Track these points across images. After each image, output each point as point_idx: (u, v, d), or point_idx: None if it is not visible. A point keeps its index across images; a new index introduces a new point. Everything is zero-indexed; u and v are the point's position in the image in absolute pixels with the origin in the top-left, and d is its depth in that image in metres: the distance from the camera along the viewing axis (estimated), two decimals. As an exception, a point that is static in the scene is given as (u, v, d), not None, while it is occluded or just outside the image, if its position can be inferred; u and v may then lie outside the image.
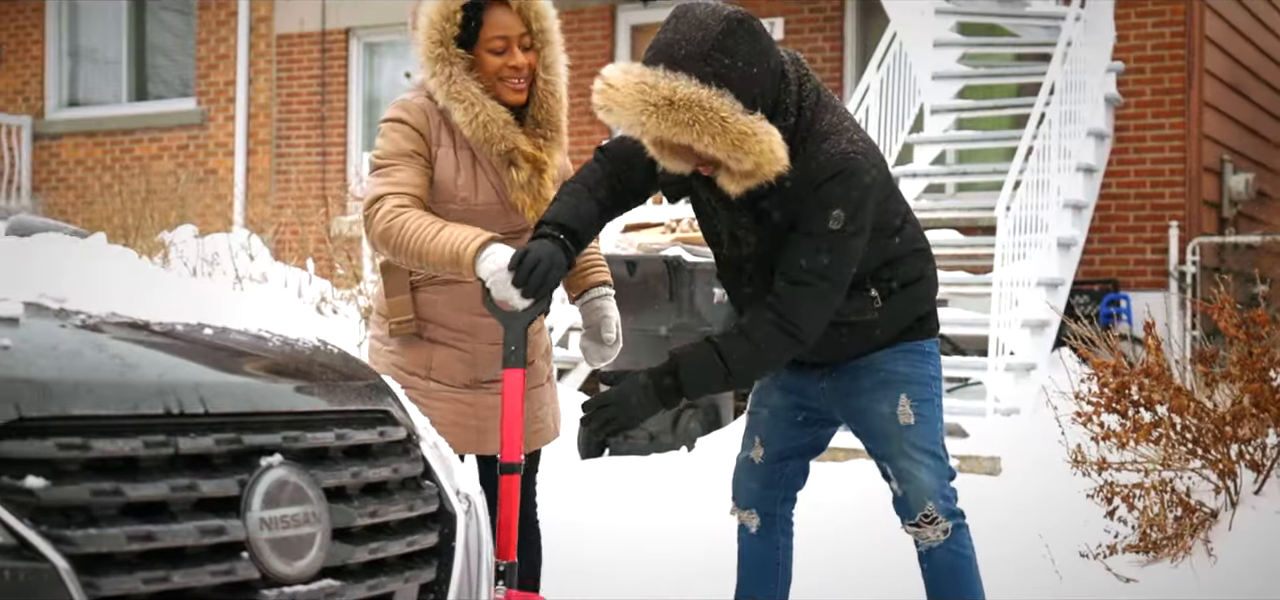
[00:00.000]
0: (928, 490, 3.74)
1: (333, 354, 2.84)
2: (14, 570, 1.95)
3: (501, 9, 3.77)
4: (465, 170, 3.82)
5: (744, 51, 3.44)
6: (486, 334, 3.85)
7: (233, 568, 2.20)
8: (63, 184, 15.64)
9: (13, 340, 2.17)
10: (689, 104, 3.37)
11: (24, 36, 15.98)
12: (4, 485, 2.00)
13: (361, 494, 2.51)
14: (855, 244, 3.59)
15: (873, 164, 3.60)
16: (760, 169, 3.46)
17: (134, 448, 2.16)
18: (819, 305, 3.61)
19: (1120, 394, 5.01)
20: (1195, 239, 11.14)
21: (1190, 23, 11.37)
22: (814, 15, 12.64)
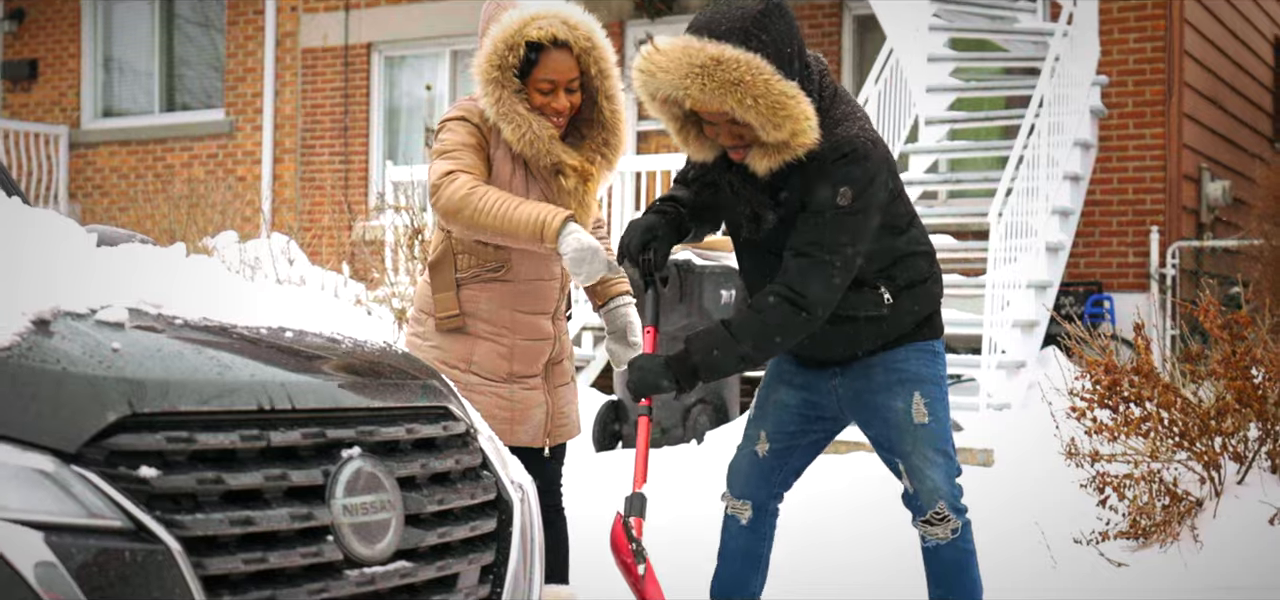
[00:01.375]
0: (939, 489, 3.75)
1: (398, 355, 2.94)
2: (133, 551, 2.05)
3: (560, 53, 3.87)
4: (518, 176, 3.95)
5: (780, 30, 3.52)
6: (525, 330, 3.98)
7: (320, 550, 2.30)
8: (98, 190, 15.57)
9: (122, 344, 2.27)
10: (734, 63, 3.44)
11: (61, 50, 15.92)
12: (121, 474, 2.10)
13: (429, 483, 2.60)
14: (861, 223, 3.60)
15: (881, 153, 3.65)
16: (795, 138, 3.50)
17: (232, 440, 2.26)
18: (826, 279, 3.61)
19: (1112, 390, 5.08)
20: (1175, 243, 11.21)
21: (1170, 38, 11.45)
22: (813, 30, 12.69)
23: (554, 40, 3.85)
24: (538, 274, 3.99)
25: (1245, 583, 4.64)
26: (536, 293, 3.98)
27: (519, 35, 3.85)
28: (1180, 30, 11.50)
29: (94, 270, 2.56)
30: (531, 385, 3.99)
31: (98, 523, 2.06)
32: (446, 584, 2.56)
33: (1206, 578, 4.72)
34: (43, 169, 15.43)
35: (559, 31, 3.85)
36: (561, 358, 4.10)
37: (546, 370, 4.03)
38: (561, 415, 4.08)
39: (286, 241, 10.24)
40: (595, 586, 5.32)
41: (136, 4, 15.76)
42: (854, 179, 3.57)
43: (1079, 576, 4.99)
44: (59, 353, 2.19)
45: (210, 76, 15.50)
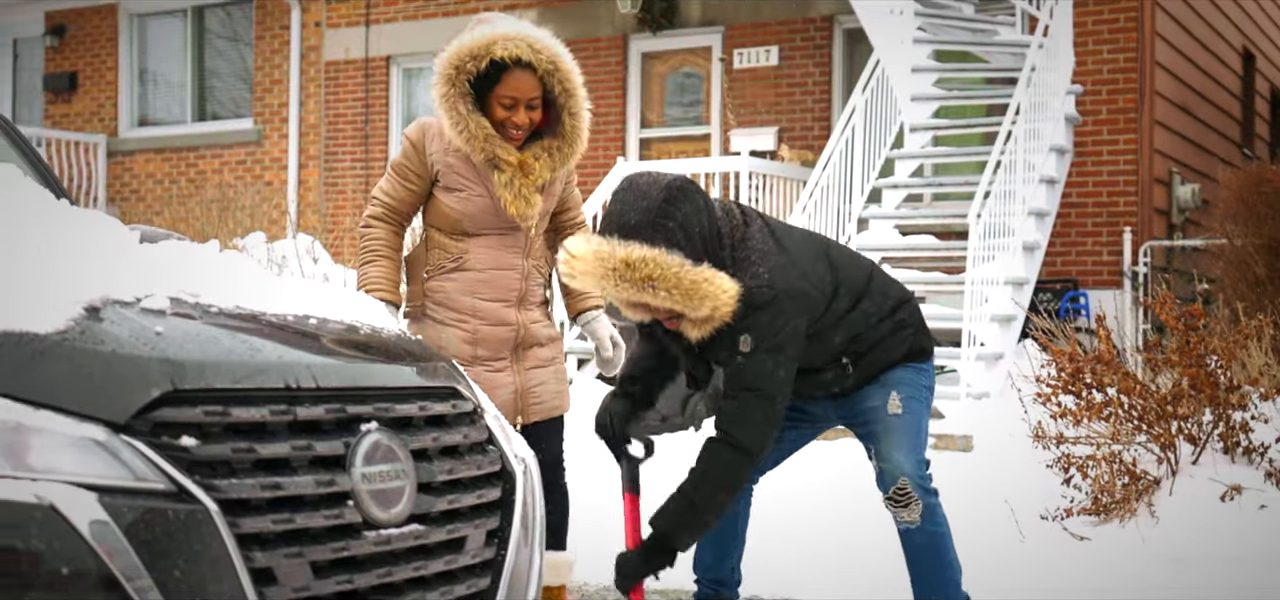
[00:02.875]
0: (903, 468, 3.83)
1: (412, 341, 3.06)
2: (176, 511, 2.17)
3: (523, 72, 3.99)
4: (465, 176, 4.09)
5: (685, 211, 3.57)
6: (486, 315, 4.14)
7: (341, 513, 2.40)
8: (135, 196, 15.62)
9: (164, 328, 2.38)
10: (644, 263, 3.50)
11: (99, 63, 16.00)
12: (164, 443, 2.20)
13: (440, 455, 2.69)
14: (768, 361, 3.64)
15: (777, 292, 3.65)
16: (717, 312, 3.57)
17: (262, 415, 2.35)
18: (755, 416, 3.66)
19: (1075, 377, 5.19)
20: (1146, 243, 11.29)
21: (1142, 50, 11.55)
22: (805, 43, 12.79)
23: (517, 60, 3.97)
24: (495, 264, 4.12)
25: (1198, 554, 4.75)
26: (495, 281, 4.11)
27: (485, 51, 3.97)
28: (1151, 42, 11.59)
29: (138, 264, 2.64)
30: (497, 368, 4.12)
31: (144, 485, 2.16)
32: (455, 546, 2.65)
33: (1162, 549, 4.82)
34: (83, 176, 15.50)
35: (523, 52, 3.97)
36: (532, 343, 4.20)
37: (516, 354, 4.15)
38: (532, 395, 4.18)
39: (311, 241, 10.36)
40: (594, 571, 5.42)
41: (170, 20, 15.84)
42: (755, 327, 3.63)
43: (1044, 549, 5.09)
44: (109, 336, 2.29)
45: (239, 88, 15.56)
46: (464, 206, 4.10)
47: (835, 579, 5.09)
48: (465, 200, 4.10)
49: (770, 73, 12.85)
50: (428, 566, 2.57)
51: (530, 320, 4.18)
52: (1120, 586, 4.62)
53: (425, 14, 14.20)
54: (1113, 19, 11.63)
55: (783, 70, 12.81)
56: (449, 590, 2.62)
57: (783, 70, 12.81)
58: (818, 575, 5.11)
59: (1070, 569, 4.87)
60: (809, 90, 12.75)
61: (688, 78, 13.53)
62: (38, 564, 2.06)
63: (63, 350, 2.23)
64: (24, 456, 2.10)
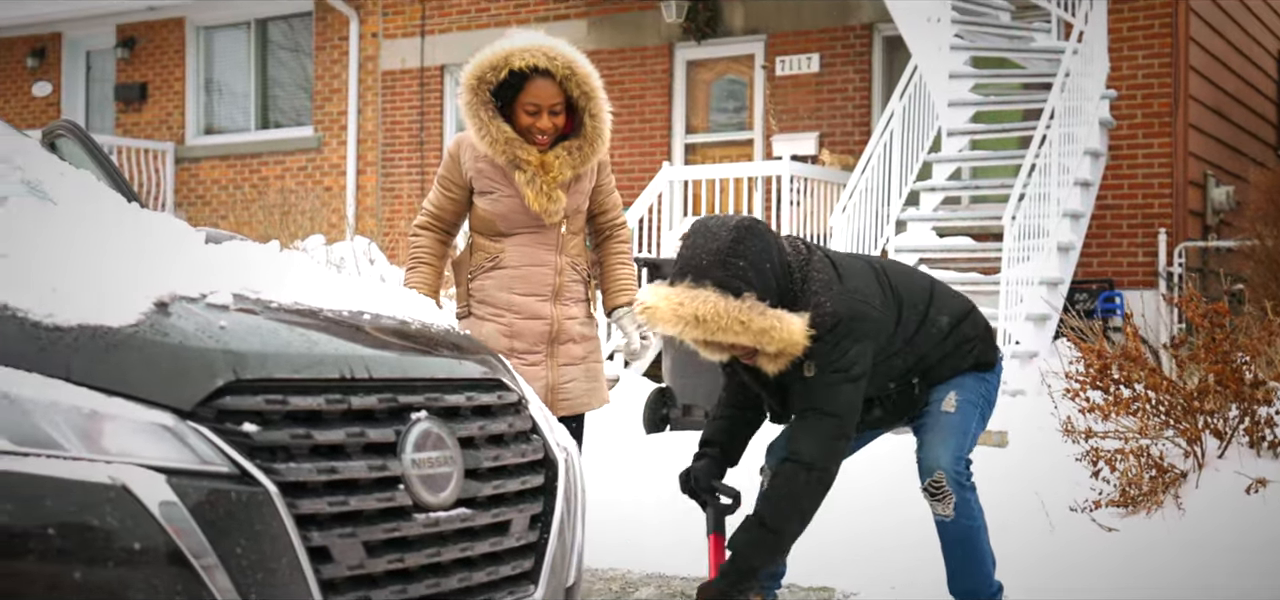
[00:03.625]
0: (940, 462, 3.86)
1: (460, 335, 3.12)
2: (238, 492, 2.24)
3: (544, 80, 4.13)
4: (494, 179, 4.25)
5: (755, 251, 3.63)
6: (522, 310, 4.28)
7: (392, 496, 2.46)
8: (201, 201, 15.79)
9: (227, 322, 2.45)
10: (714, 315, 3.57)
11: (167, 74, 16.19)
12: (228, 429, 2.28)
13: (486, 443, 2.75)
14: (831, 380, 3.70)
15: (840, 318, 3.70)
16: (788, 350, 3.64)
17: (318, 403, 2.42)
18: (822, 435, 3.71)
19: (1103, 373, 5.20)
20: (1181, 244, 11.24)
21: (1176, 54, 11.48)
22: (845, 51, 12.80)
23: (535, 68, 4.10)
24: (529, 261, 4.26)
25: (1223, 544, 4.74)
26: (529, 277, 4.24)
27: (503, 62, 4.12)
28: (1185, 47, 11.53)
29: (203, 263, 2.72)
30: (532, 361, 4.25)
31: (209, 468, 2.23)
32: (500, 529, 2.71)
33: (1188, 540, 4.81)
34: (152, 182, 15.70)
35: (540, 61, 4.11)
36: (566, 339, 4.32)
37: (551, 349, 4.27)
38: (561, 391, 4.31)
39: (368, 243, 10.49)
40: (636, 559, 5.50)
41: (234, 32, 16.03)
42: (818, 352, 3.69)
43: (1073, 540, 5.11)
44: (176, 329, 2.37)
45: (300, 97, 15.70)
46: (495, 207, 4.24)
47: (871, 568, 5.12)
48: (496, 201, 4.23)
49: (811, 79, 12.87)
50: (474, 548, 2.63)
51: (565, 315, 4.30)
52: (1147, 576, 4.63)
53: (478, 25, 14.33)
54: (1147, 25, 11.57)
55: (824, 77, 12.83)
56: (494, 571, 2.68)
57: (824, 77, 12.83)
58: (853, 564, 5.14)
59: (1098, 559, 4.89)
60: (849, 96, 12.76)
61: (732, 85, 13.58)
62: (111, 541, 2.13)
63: (134, 342, 2.30)
64: (98, 440, 2.18)
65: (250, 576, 2.23)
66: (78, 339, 2.26)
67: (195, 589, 2.18)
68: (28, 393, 2.16)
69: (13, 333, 2.23)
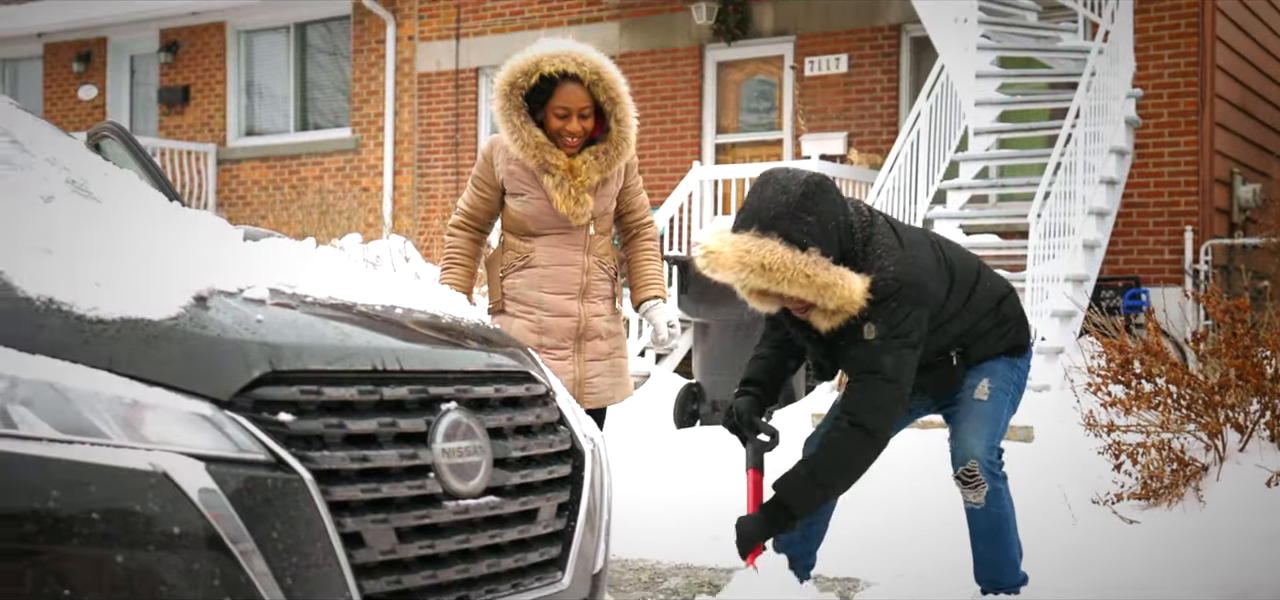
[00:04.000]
0: (974, 451, 3.88)
1: (490, 329, 3.16)
2: (274, 479, 2.28)
3: (572, 85, 4.22)
4: (525, 182, 4.33)
5: (823, 208, 3.61)
6: (550, 307, 4.37)
7: (423, 484, 2.50)
8: (242, 201, 15.89)
9: (264, 316, 2.49)
10: (780, 265, 3.55)
11: (209, 77, 16.31)
12: (264, 418, 2.31)
13: (514, 433, 2.78)
14: (891, 346, 3.70)
15: (902, 284, 3.70)
16: (846, 308, 3.63)
17: (351, 394, 2.45)
18: (881, 399, 3.71)
19: (1124, 368, 5.20)
20: (1207, 241, 11.18)
21: (1202, 54, 11.41)
22: (873, 51, 12.79)
23: (564, 73, 4.18)
24: (558, 261, 4.35)
25: (1244, 536, 4.74)
26: (558, 276, 4.33)
27: (534, 68, 4.20)
28: (1212, 46, 11.45)
29: (241, 259, 2.77)
30: (560, 356, 4.33)
31: (246, 456, 2.27)
32: (528, 516, 2.74)
33: (1208, 532, 4.81)
34: (194, 183, 15.82)
35: (569, 67, 4.19)
36: (593, 335, 4.41)
37: (578, 345, 4.35)
38: (588, 385, 4.39)
39: (403, 242, 10.57)
40: (665, 550, 5.53)
41: (274, 36, 16.15)
42: (879, 315, 3.69)
43: (1095, 532, 5.11)
44: (214, 322, 2.41)
45: (338, 99, 15.79)
46: (525, 209, 4.32)
47: (896, 560, 5.13)
48: (526, 203, 4.31)
49: (840, 80, 12.87)
50: (502, 535, 2.66)
51: (592, 313, 4.38)
52: (1167, 567, 4.62)
53: (512, 28, 14.39)
54: (1173, 24, 11.51)
55: (852, 77, 12.82)
56: (522, 557, 2.71)
57: (852, 77, 12.82)
58: (877, 553, 5.16)
59: (1119, 551, 4.89)
60: (877, 96, 12.75)
61: (761, 85, 13.59)
62: (152, 525, 2.18)
63: (174, 334, 2.35)
64: (140, 429, 2.22)
65: (286, 560, 2.27)
66: (120, 331, 2.31)
67: (233, 573, 2.22)
68: (72, 383, 2.21)
69: (58, 326, 2.28)
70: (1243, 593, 3.99)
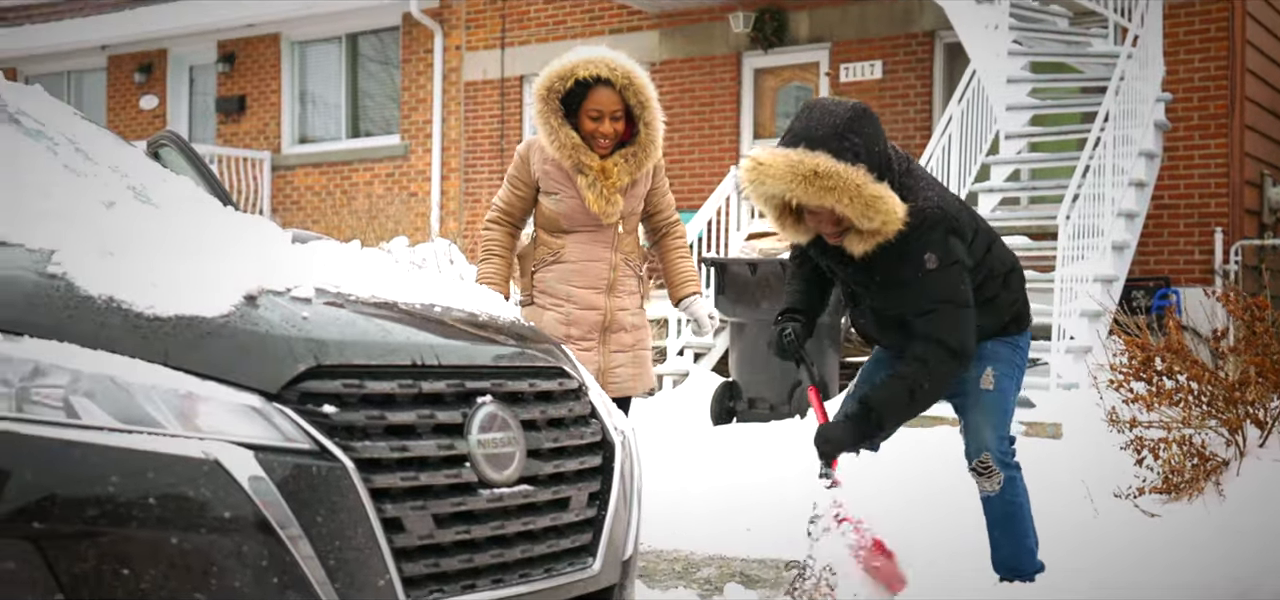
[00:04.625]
0: (987, 444, 3.93)
1: (525, 326, 3.22)
2: (318, 467, 2.36)
3: (605, 88, 4.36)
4: (559, 181, 4.46)
5: (868, 132, 3.66)
6: (578, 301, 4.50)
7: (459, 473, 2.57)
8: (295, 206, 16.03)
9: (310, 313, 2.57)
10: (831, 174, 3.58)
11: (264, 87, 16.48)
12: (309, 410, 2.39)
13: (547, 426, 2.85)
14: (953, 272, 3.74)
15: (946, 213, 3.76)
16: (886, 227, 3.65)
17: (392, 388, 2.53)
18: (959, 320, 3.75)
19: (1146, 365, 5.20)
20: (1237, 242, 11.10)
21: (1233, 58, 11.33)
22: (907, 57, 12.78)
23: (598, 78, 4.31)
24: (586, 257, 4.48)
25: (1264, 529, 4.73)
26: (586, 271, 4.46)
27: (570, 73, 4.35)
28: (1242, 50, 11.37)
29: (289, 260, 2.84)
30: (585, 347, 4.46)
31: (292, 445, 2.35)
32: (560, 505, 2.81)
33: (1228, 526, 4.79)
34: (250, 189, 16.00)
35: (602, 71, 4.33)
36: (618, 328, 4.55)
37: (603, 337, 4.48)
38: (612, 374, 4.52)
39: (449, 245, 10.68)
40: (699, 541, 5.58)
41: (327, 46, 16.30)
42: (934, 242, 3.72)
43: (1117, 525, 5.12)
44: (263, 320, 2.49)
45: (388, 107, 15.89)
46: (558, 207, 4.45)
47: (916, 553, 5.16)
48: (560, 201, 4.43)
49: (874, 85, 12.87)
50: (535, 522, 2.73)
51: (617, 307, 4.49)
52: (1187, 560, 4.62)
53: (555, 37, 14.48)
54: (1203, 29, 11.43)
55: (886, 83, 12.82)
56: (555, 544, 2.78)
57: (886, 83, 12.82)
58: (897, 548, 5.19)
59: (1140, 543, 4.89)
60: (910, 101, 12.74)
61: (797, 91, 13.61)
62: (205, 510, 2.27)
63: (226, 331, 2.43)
64: (193, 419, 2.31)
65: (329, 544, 2.35)
66: (175, 328, 2.40)
67: (280, 555, 2.30)
68: (131, 376, 2.31)
69: (117, 323, 2.38)
70: (1256, 583, 4.00)
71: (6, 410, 2.23)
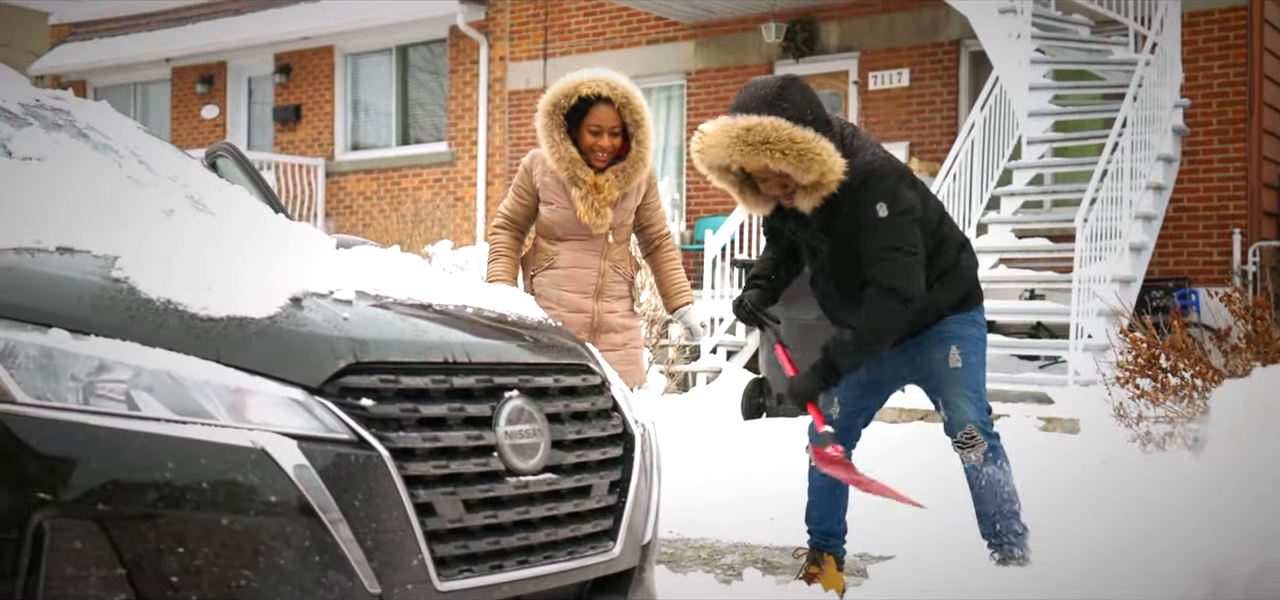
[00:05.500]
0: (968, 417, 3.98)
1: (551, 326, 3.31)
2: (357, 455, 2.47)
3: (604, 106, 4.59)
4: (556, 192, 4.69)
5: (796, 98, 3.80)
6: (568, 305, 4.73)
7: (487, 462, 2.67)
8: (348, 210, 16.19)
9: (350, 314, 2.68)
10: (759, 127, 3.74)
11: (319, 97, 16.65)
12: (348, 403, 2.50)
13: (571, 418, 2.94)
14: (905, 222, 3.83)
15: (892, 168, 3.88)
16: (826, 176, 3.76)
17: (425, 383, 2.62)
18: (903, 270, 3.83)
19: (1151, 362, 5.25)
20: (1255, 243, 11.05)
21: (1251, 64, 11.28)
22: (934, 65, 12.80)
23: (598, 96, 4.52)
24: (576, 264, 4.70)
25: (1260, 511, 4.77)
26: (576, 277, 4.68)
27: (573, 91, 4.56)
28: (1260, 57, 11.31)
29: (333, 265, 2.95)
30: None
31: (333, 435, 2.46)
32: (582, 492, 2.90)
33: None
34: (305, 194, 16.18)
35: (603, 90, 4.54)
36: (608, 329, 4.79)
37: (593, 337, 4.69)
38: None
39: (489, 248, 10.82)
40: (723, 529, 5.66)
41: (378, 58, 16.46)
42: (884, 192, 3.82)
43: (1122, 516, 5.15)
44: (307, 320, 2.60)
45: (437, 115, 15.99)
46: (554, 216, 4.68)
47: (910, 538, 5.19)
48: (555, 211, 4.67)
49: (902, 92, 12.91)
50: (559, 508, 2.82)
51: (606, 310, 4.74)
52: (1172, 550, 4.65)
53: (595, 48, 14.60)
54: (1222, 37, 11.39)
55: (913, 90, 12.85)
56: (577, 528, 2.87)
57: (913, 90, 12.85)
58: (892, 533, 5.20)
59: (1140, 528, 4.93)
60: (937, 108, 12.76)
61: (827, 99, 13.64)
62: (253, 495, 2.38)
63: (272, 331, 2.55)
64: (243, 411, 2.43)
65: (366, 526, 2.46)
66: (226, 328, 2.52)
67: (322, 536, 2.42)
68: (186, 372, 2.43)
69: (174, 323, 2.50)
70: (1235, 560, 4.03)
71: (74, 403, 2.36)
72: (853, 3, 13.04)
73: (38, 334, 2.40)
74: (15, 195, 2.94)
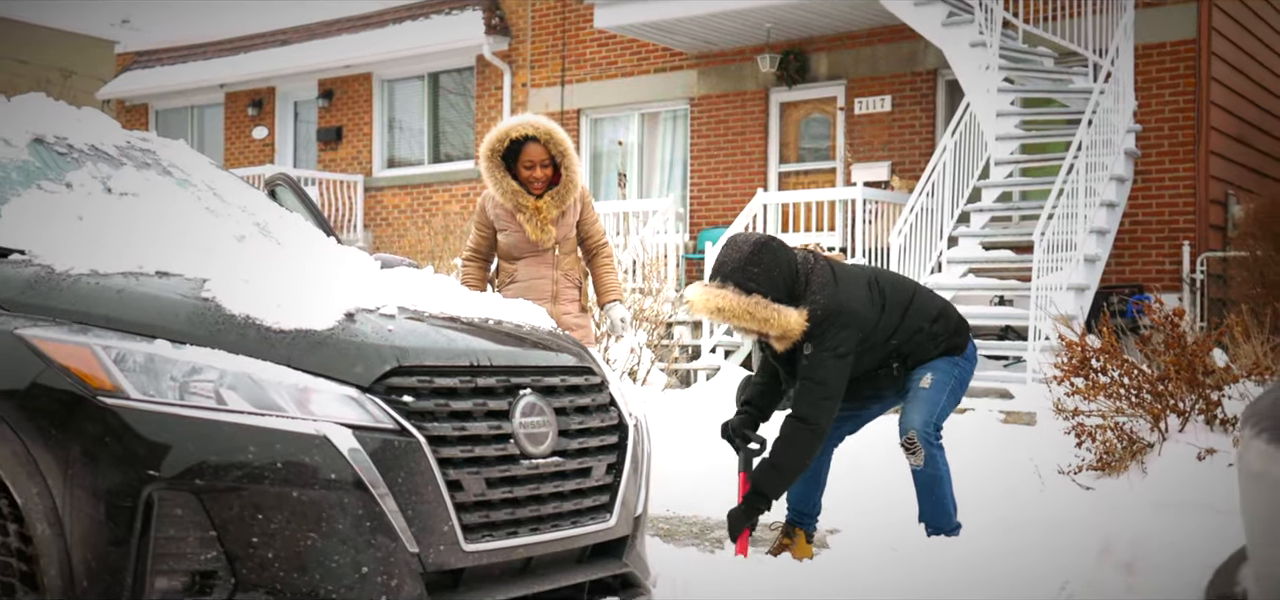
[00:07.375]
0: (912, 424, 4.29)
1: (561, 335, 3.62)
2: (399, 442, 2.79)
3: (534, 144, 5.13)
4: (507, 220, 5.21)
5: (768, 262, 4.15)
6: None
7: (505, 447, 2.99)
8: (384, 223, 16.35)
9: (394, 326, 3.01)
10: (733, 307, 4.14)
11: (358, 118, 16.84)
12: (393, 399, 2.83)
13: (575, 412, 3.25)
14: (823, 358, 4.17)
15: (830, 310, 4.18)
16: (789, 332, 4.16)
17: (454, 383, 2.95)
18: (815, 398, 4.18)
19: (1083, 363, 5.54)
20: (1202, 254, 11.31)
21: (1199, 93, 11.54)
22: (913, 92, 13.08)
23: (527, 136, 5.06)
24: (533, 276, 5.20)
25: (1178, 501, 5.05)
26: (533, 287, 5.16)
27: (506, 134, 5.11)
28: (1207, 85, 11.58)
29: (379, 284, 3.28)
30: None
31: (380, 425, 2.78)
32: (584, 473, 3.22)
33: (1148, 497, 5.13)
34: (346, 208, 16.35)
35: (529, 131, 5.08)
36: (564, 327, 5.07)
37: None
38: None
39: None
40: (715, 508, 5.93)
41: (412, 83, 16.61)
42: (813, 336, 4.18)
43: (1059, 495, 5.45)
44: (358, 332, 2.92)
45: (467, 133, 16.11)
46: (509, 240, 5.21)
47: (862, 512, 5.45)
48: (509, 235, 5.21)
49: (884, 117, 13.20)
50: (564, 485, 3.14)
51: (561, 312, 5.23)
52: (1116, 525, 4.97)
53: (608, 75, 14.91)
54: (1173, 68, 11.67)
55: (894, 115, 13.15)
56: (579, 503, 3.19)
57: (894, 115, 13.15)
58: (845, 507, 5.44)
59: (1077, 510, 5.25)
60: (916, 131, 13.06)
61: (817, 122, 13.96)
62: (317, 473, 2.72)
63: (331, 340, 2.88)
64: (308, 406, 2.77)
65: (407, 499, 2.80)
66: (294, 338, 2.86)
67: (372, 506, 2.75)
68: (262, 374, 2.77)
69: (253, 335, 2.86)
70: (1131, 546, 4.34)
71: (174, 398, 2.72)
72: (840, 35, 13.35)
73: (144, 343, 2.76)
74: (119, 227, 3.30)
